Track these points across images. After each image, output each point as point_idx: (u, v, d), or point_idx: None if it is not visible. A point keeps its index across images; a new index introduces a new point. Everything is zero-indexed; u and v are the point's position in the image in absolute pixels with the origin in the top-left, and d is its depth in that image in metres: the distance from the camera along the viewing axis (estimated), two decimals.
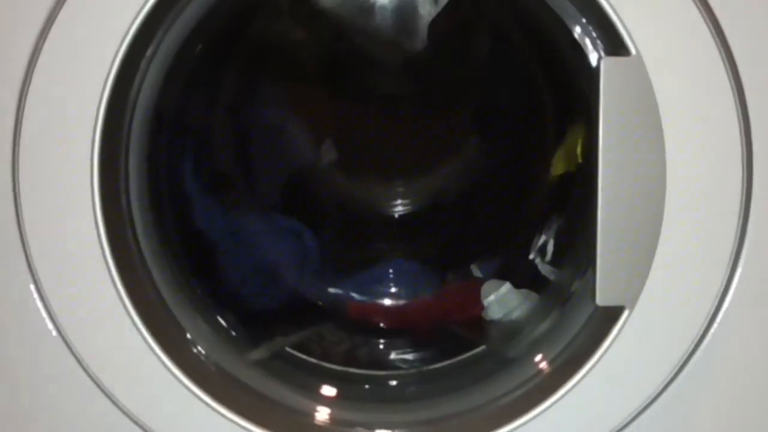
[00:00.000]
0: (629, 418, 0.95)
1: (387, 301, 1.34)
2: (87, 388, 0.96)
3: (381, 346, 1.27)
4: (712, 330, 0.95)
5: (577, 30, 0.99)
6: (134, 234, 1.00)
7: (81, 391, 0.96)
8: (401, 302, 1.34)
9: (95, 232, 0.94)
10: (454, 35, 1.36)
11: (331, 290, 1.33)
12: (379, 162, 1.44)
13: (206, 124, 1.32)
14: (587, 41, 0.98)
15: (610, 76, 0.90)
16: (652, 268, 0.92)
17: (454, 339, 1.24)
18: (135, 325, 0.94)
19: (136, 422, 0.96)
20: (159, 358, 0.94)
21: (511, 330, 1.19)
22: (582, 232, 1.07)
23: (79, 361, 0.95)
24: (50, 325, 0.96)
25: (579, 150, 1.21)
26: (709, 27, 0.90)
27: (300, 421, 1.02)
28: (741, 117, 0.91)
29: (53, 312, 0.95)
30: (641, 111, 0.90)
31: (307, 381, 1.12)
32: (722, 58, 0.90)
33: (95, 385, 0.95)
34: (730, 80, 0.90)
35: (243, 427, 0.95)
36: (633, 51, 0.90)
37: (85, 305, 0.94)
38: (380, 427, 1.02)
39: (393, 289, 1.35)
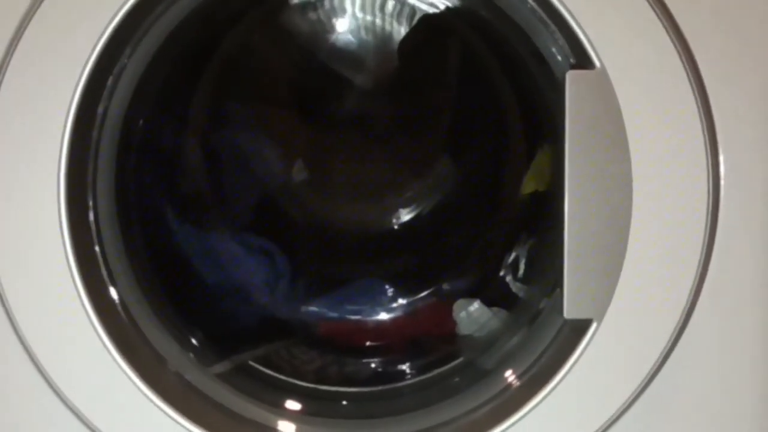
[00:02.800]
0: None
1: (359, 320, 1.34)
2: (49, 400, 0.95)
3: (351, 364, 1.27)
4: (680, 342, 0.95)
5: (544, 45, 1.00)
6: (102, 249, 1.00)
7: (43, 402, 0.95)
8: (373, 321, 1.34)
9: (62, 248, 0.94)
10: (423, 55, 1.36)
11: (303, 309, 1.33)
12: (350, 182, 1.44)
13: (176, 143, 1.31)
14: (554, 56, 0.98)
15: (575, 89, 0.91)
16: (619, 280, 0.93)
17: (424, 356, 1.24)
18: (100, 337, 0.94)
19: None
20: (123, 370, 0.94)
21: (485, 343, 1.19)
22: (551, 248, 1.07)
23: (41, 373, 0.95)
24: (17, 343, 0.95)
25: (549, 169, 1.21)
26: (672, 39, 0.90)
27: None
28: (706, 130, 0.92)
29: (19, 328, 0.94)
30: (606, 124, 0.91)
31: (275, 397, 1.11)
32: (686, 71, 0.91)
33: (58, 397, 0.95)
34: (694, 93, 0.91)
35: None
36: (597, 64, 0.91)
37: (51, 319, 0.94)
38: None
39: (365, 308, 1.34)
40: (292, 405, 1.11)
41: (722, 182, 0.94)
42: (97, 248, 1.00)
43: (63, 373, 0.94)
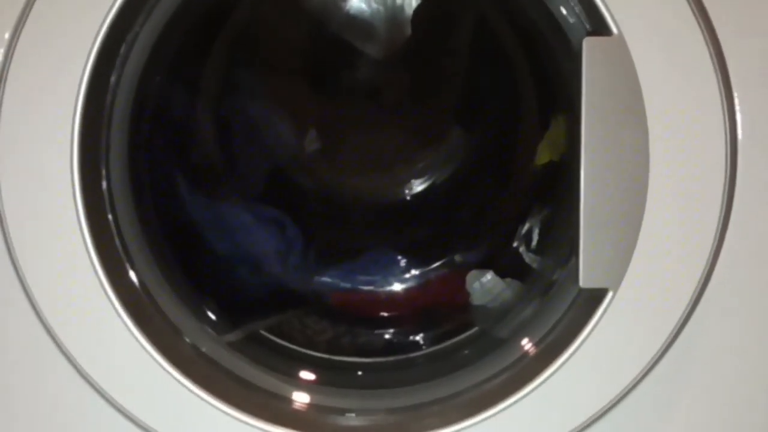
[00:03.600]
0: (615, 400, 0.94)
1: (371, 291, 1.34)
2: (64, 370, 0.95)
3: (364, 335, 1.27)
4: (696, 311, 0.95)
5: (560, 12, 0.99)
6: (115, 218, 1.00)
7: (59, 373, 0.96)
8: (385, 291, 1.34)
9: (76, 217, 0.93)
10: (437, 24, 1.35)
11: (315, 279, 1.33)
12: (363, 152, 1.44)
13: (188, 113, 1.31)
14: (570, 23, 0.97)
15: (592, 56, 0.90)
16: (635, 250, 0.92)
17: (438, 326, 1.24)
18: (115, 309, 0.94)
19: (113, 404, 0.95)
20: (140, 343, 0.94)
21: (498, 313, 1.19)
22: (566, 219, 1.06)
23: (55, 341, 0.95)
24: (33, 316, 0.95)
25: (563, 139, 1.20)
26: (691, 6, 0.89)
27: (279, 405, 1.02)
28: (725, 98, 0.91)
29: (33, 297, 0.94)
30: (623, 91, 0.90)
31: (289, 367, 1.11)
32: (705, 38, 0.90)
33: (73, 367, 0.95)
34: (713, 60, 0.90)
35: (222, 411, 0.95)
36: (615, 31, 0.90)
37: (66, 290, 0.94)
38: (361, 413, 1.02)
39: (377, 279, 1.34)
40: (306, 375, 1.11)
41: (740, 150, 0.93)
42: (110, 217, 0.99)
43: (80, 347, 0.94)
